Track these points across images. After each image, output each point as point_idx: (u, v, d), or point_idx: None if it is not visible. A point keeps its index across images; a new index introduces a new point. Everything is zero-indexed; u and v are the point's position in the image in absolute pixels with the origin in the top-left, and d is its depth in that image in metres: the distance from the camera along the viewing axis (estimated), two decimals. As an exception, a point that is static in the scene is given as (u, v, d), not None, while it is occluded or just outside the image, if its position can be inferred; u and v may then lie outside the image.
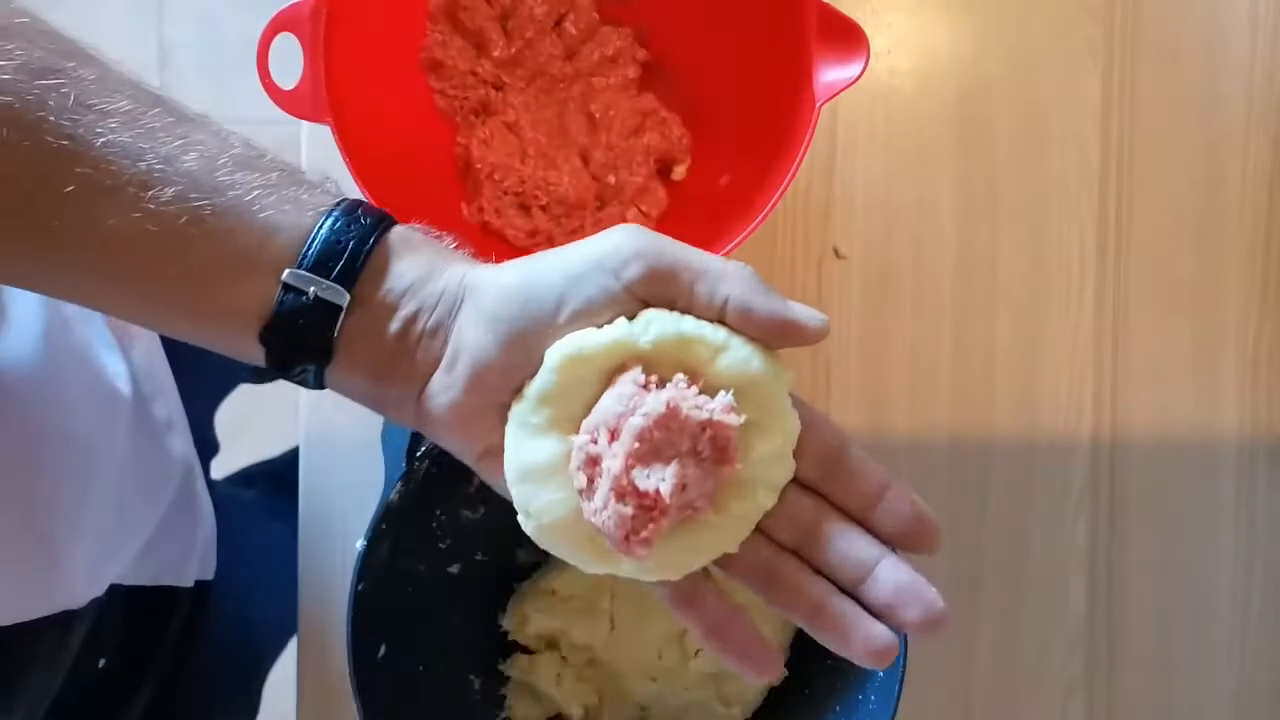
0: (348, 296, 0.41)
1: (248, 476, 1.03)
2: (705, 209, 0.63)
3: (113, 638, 0.64)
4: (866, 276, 0.70)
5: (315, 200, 0.42)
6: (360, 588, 0.55)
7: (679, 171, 0.66)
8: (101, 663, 0.64)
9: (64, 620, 0.57)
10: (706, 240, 0.58)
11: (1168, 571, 0.71)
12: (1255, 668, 0.71)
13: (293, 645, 0.68)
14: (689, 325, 0.40)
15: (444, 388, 0.41)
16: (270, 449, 1.06)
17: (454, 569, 0.62)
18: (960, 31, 0.70)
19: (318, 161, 0.67)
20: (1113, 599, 0.70)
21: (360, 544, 0.55)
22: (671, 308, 0.41)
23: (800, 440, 0.40)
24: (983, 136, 0.70)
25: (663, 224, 0.65)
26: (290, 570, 0.68)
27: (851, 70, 0.57)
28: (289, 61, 0.57)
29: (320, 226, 0.41)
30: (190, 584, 0.72)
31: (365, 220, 0.42)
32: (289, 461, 0.86)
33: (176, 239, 0.40)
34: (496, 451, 0.41)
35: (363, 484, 0.66)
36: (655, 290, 0.40)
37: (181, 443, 0.71)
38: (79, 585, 0.58)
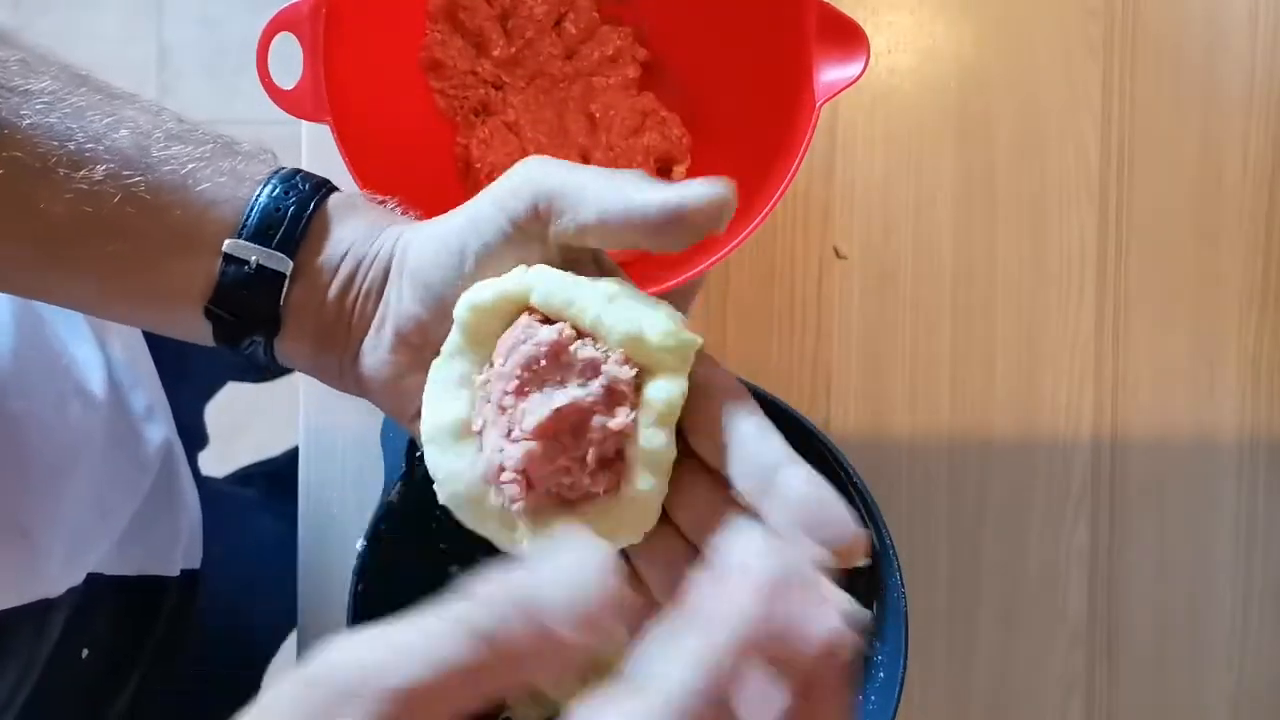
0: (290, 263, 0.40)
1: (246, 476, 1.03)
2: (705, 209, 0.63)
3: (97, 628, 0.64)
4: (866, 276, 0.70)
5: (252, 170, 0.41)
6: (360, 588, 0.55)
7: (679, 171, 0.66)
8: (85, 653, 0.64)
9: (41, 609, 0.57)
10: (706, 240, 0.58)
11: (1167, 571, 0.71)
12: (1255, 668, 0.71)
13: (292, 645, 0.68)
14: (569, 285, 0.37)
15: (372, 348, 0.40)
16: (270, 449, 1.06)
17: (454, 569, 0.62)
18: (960, 31, 0.70)
19: (318, 161, 0.67)
20: (1112, 599, 0.70)
21: (360, 544, 0.55)
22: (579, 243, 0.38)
23: (689, 409, 0.36)
24: (982, 136, 0.70)
25: (663, 224, 0.65)
26: (288, 565, 0.68)
27: (851, 70, 0.57)
28: (289, 61, 0.57)
29: (258, 195, 0.41)
30: (176, 573, 0.72)
31: (304, 186, 0.41)
32: (289, 461, 0.86)
33: (112, 219, 0.39)
34: None
35: (363, 484, 0.66)
36: (541, 226, 0.37)
37: (161, 431, 0.70)
38: (56, 575, 0.58)
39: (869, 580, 0.57)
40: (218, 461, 0.90)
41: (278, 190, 0.41)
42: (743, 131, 0.63)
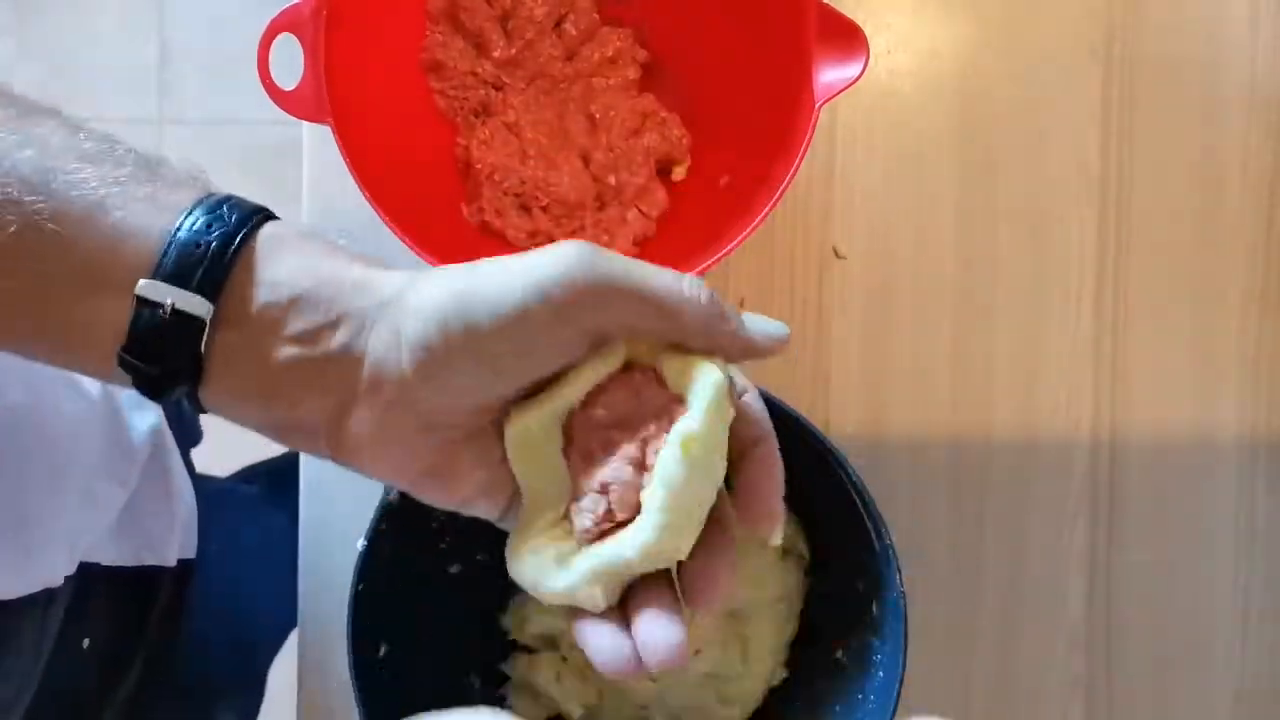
0: (209, 307, 0.36)
1: (249, 473, 1.03)
2: (705, 209, 0.63)
3: (97, 618, 0.64)
4: (866, 277, 0.70)
5: (175, 198, 0.37)
6: (360, 588, 0.55)
7: (679, 172, 0.66)
8: (86, 643, 0.64)
9: (44, 599, 0.57)
10: (706, 240, 0.58)
11: (1167, 572, 0.71)
12: (1255, 668, 0.71)
13: (293, 644, 0.68)
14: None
15: (366, 418, 0.37)
16: (272, 446, 1.06)
17: (454, 569, 0.62)
18: (960, 32, 0.70)
19: (318, 162, 0.68)
20: (1112, 599, 0.70)
21: (360, 544, 0.55)
22: (619, 335, 0.38)
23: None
24: (983, 136, 0.70)
25: (663, 224, 0.65)
26: (289, 558, 0.68)
27: (851, 71, 0.57)
28: (289, 62, 0.57)
29: (178, 228, 0.36)
30: (173, 563, 0.72)
31: (230, 218, 0.37)
32: (290, 459, 0.87)
33: (10, 251, 0.35)
34: (434, 471, 0.38)
35: (363, 484, 0.66)
36: (600, 318, 0.36)
37: (148, 419, 0.70)
38: (57, 564, 0.58)
39: (869, 580, 0.57)
40: (219, 460, 0.90)
41: (199, 222, 0.36)
42: (743, 132, 0.63)
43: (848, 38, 0.57)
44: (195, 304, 0.36)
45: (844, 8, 0.57)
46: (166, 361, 0.36)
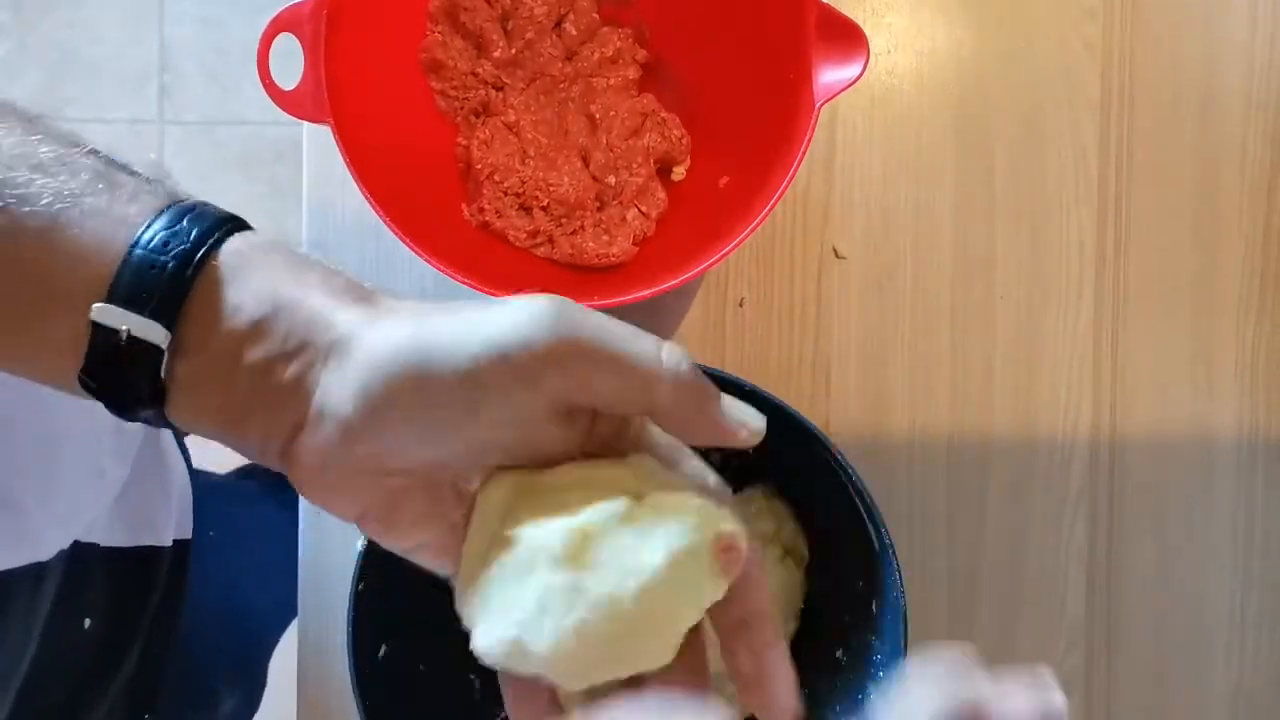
0: (167, 335, 0.34)
1: (248, 470, 1.03)
2: (705, 209, 0.63)
3: (97, 599, 0.64)
4: (866, 276, 0.70)
5: (133, 210, 0.35)
6: (360, 588, 0.55)
7: (679, 172, 0.66)
8: (87, 623, 0.64)
9: (34, 573, 0.57)
10: (706, 240, 0.58)
11: (1166, 571, 0.71)
12: (1253, 668, 0.71)
13: (293, 644, 0.68)
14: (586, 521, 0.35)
15: (311, 451, 0.35)
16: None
17: (454, 569, 0.62)
18: (960, 32, 0.70)
19: (318, 162, 0.68)
20: (1111, 599, 0.70)
21: (360, 544, 0.55)
22: (586, 404, 0.35)
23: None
24: (982, 136, 0.70)
25: (663, 224, 0.65)
26: (287, 549, 0.68)
27: (851, 70, 0.57)
28: (289, 62, 0.57)
29: (134, 245, 0.34)
30: (169, 543, 0.72)
31: (190, 234, 0.34)
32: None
33: None
34: (373, 515, 0.37)
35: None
36: (566, 385, 0.34)
37: None
38: (46, 539, 0.58)
39: (869, 580, 0.57)
40: (218, 459, 0.90)
41: (157, 239, 0.34)
42: (743, 131, 0.63)
43: (848, 37, 0.57)
44: (152, 331, 0.34)
45: (844, 7, 0.57)
46: (127, 387, 0.34)
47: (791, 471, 0.61)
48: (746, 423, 0.36)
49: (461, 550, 0.38)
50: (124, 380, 0.34)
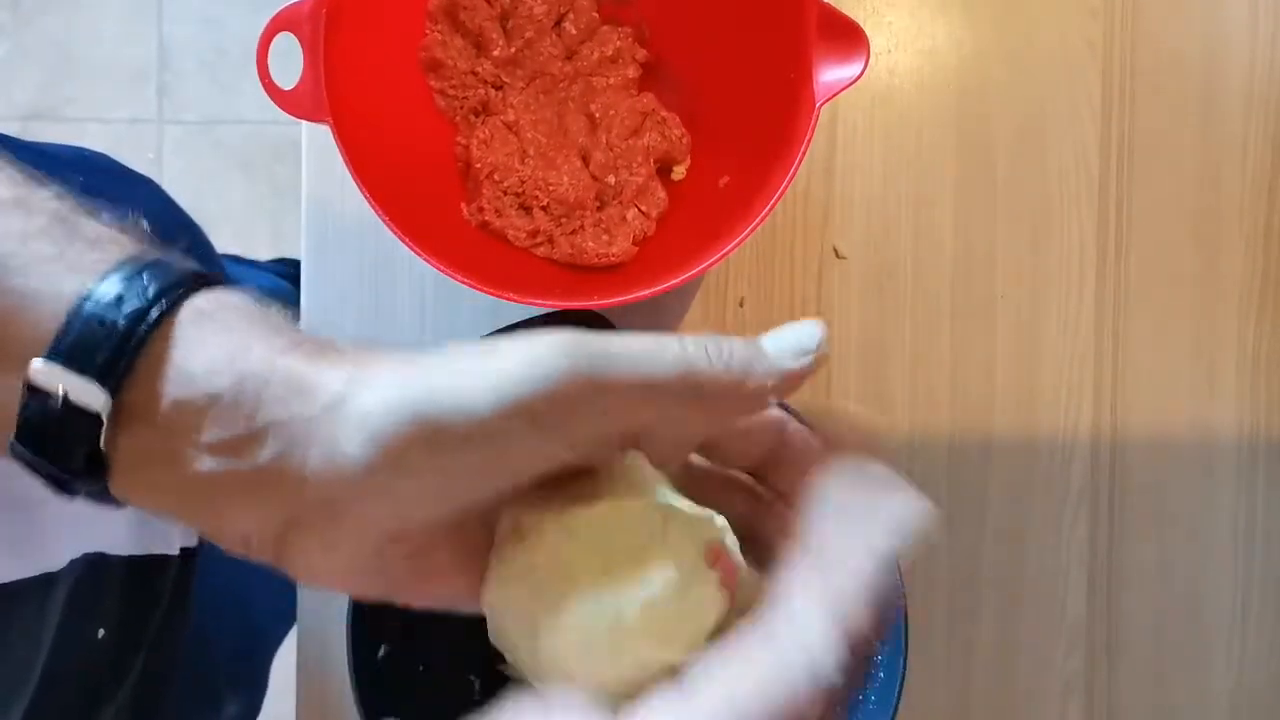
0: (107, 400, 0.29)
1: None
2: (705, 209, 0.63)
3: (110, 609, 0.64)
4: (866, 276, 0.70)
5: (91, 260, 0.30)
6: (360, 588, 0.55)
7: (679, 171, 0.66)
8: (101, 633, 0.64)
9: (44, 583, 0.57)
10: (706, 240, 0.58)
11: (1167, 571, 0.71)
12: (1254, 668, 0.71)
13: (293, 643, 0.68)
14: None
15: (317, 539, 0.31)
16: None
17: (454, 569, 0.62)
18: (960, 31, 0.70)
19: (317, 162, 0.68)
20: (1112, 599, 0.70)
21: (360, 544, 0.55)
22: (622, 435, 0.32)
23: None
24: (983, 136, 0.70)
25: (663, 224, 0.65)
26: None
27: (851, 70, 0.57)
28: (289, 61, 0.57)
29: (85, 298, 0.29)
30: (176, 551, 0.72)
31: (149, 290, 0.30)
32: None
33: None
34: (400, 586, 0.34)
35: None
36: (597, 425, 0.30)
37: None
38: (58, 549, 0.58)
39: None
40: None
41: (111, 293, 0.30)
42: (743, 131, 0.63)
43: (848, 37, 0.57)
44: (91, 395, 0.29)
45: (844, 7, 0.57)
46: (62, 457, 0.30)
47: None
48: (801, 346, 0.34)
49: (491, 578, 0.35)
50: (58, 449, 0.30)
